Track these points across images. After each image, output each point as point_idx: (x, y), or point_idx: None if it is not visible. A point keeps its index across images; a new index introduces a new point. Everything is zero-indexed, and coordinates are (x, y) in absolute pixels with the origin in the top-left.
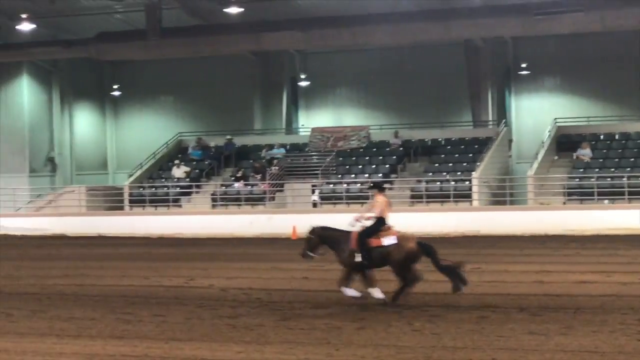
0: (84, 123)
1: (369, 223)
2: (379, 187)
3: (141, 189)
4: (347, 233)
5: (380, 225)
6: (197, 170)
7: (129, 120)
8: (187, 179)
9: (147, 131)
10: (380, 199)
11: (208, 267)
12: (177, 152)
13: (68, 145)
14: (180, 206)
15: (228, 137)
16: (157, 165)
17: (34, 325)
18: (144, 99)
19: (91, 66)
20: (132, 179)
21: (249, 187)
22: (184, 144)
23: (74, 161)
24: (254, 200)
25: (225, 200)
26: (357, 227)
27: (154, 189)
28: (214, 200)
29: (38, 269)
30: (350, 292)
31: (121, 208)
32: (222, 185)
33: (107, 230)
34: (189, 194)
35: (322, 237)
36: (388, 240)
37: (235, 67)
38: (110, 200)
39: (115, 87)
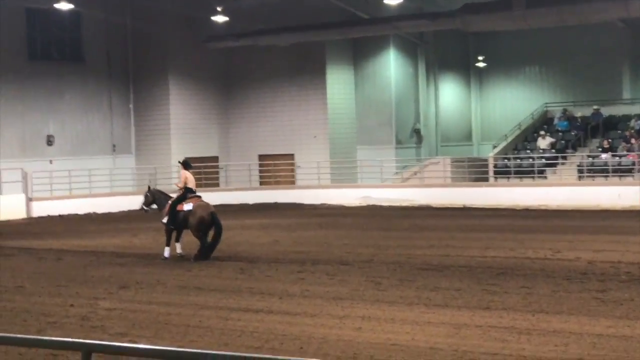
0: (448, 94)
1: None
2: (185, 164)
3: (506, 160)
4: (168, 200)
5: (186, 194)
6: (562, 141)
7: (493, 91)
8: (553, 150)
9: (512, 102)
10: (184, 173)
11: (574, 240)
12: (542, 122)
13: (433, 116)
14: (545, 177)
15: (595, 107)
16: (522, 136)
17: (402, 294)
18: (508, 70)
19: (456, 38)
20: (496, 150)
21: (617, 157)
22: (550, 115)
23: (439, 133)
24: (622, 171)
25: (591, 172)
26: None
27: (518, 160)
28: (580, 171)
29: (404, 239)
30: (166, 252)
31: (486, 179)
32: (588, 156)
33: (471, 202)
34: (554, 165)
35: (155, 197)
36: (187, 206)
37: (603, 35)
38: (475, 172)
39: (479, 58)
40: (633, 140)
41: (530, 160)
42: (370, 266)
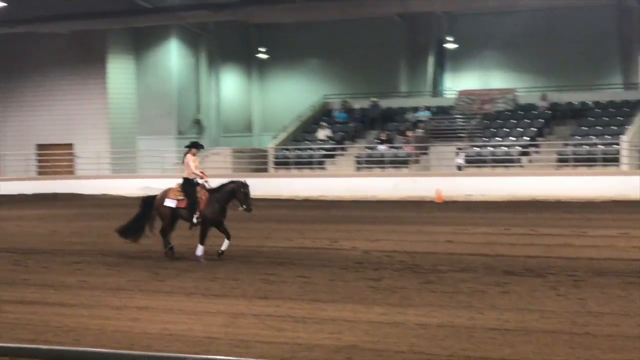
0: (230, 86)
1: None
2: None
3: (285, 151)
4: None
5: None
6: (341, 133)
7: (275, 83)
8: (333, 142)
9: (293, 94)
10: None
11: (351, 230)
12: (322, 114)
13: (215, 107)
14: (324, 168)
15: (373, 99)
16: (302, 128)
17: (180, 284)
18: (290, 62)
19: (238, 29)
20: (276, 141)
21: (394, 149)
22: (329, 107)
23: (220, 123)
24: (398, 162)
25: (369, 163)
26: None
27: (298, 151)
28: (358, 162)
29: (184, 229)
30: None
31: (266, 170)
32: (366, 147)
33: (251, 192)
34: (333, 156)
35: None
36: None
37: (382, 29)
38: (256, 162)
39: (261, 50)
40: (409, 133)
41: (310, 151)
42: (150, 257)
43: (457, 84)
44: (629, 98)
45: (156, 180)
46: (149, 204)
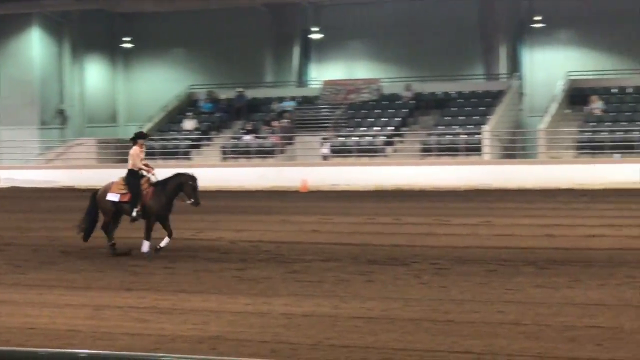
0: (94, 75)
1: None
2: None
3: (151, 141)
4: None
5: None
6: (207, 123)
7: (140, 73)
8: (199, 132)
9: (158, 84)
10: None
11: (217, 220)
12: (187, 104)
13: (79, 97)
14: (190, 159)
15: (239, 89)
16: (167, 118)
17: (43, 277)
18: (155, 52)
19: (102, 18)
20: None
21: (259, 139)
22: (195, 97)
23: (85, 113)
24: (264, 153)
25: (235, 153)
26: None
27: (164, 141)
28: (224, 152)
29: (47, 221)
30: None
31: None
32: (232, 137)
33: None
34: (199, 146)
35: None
36: None
37: (247, 19)
38: (121, 153)
39: (126, 39)
40: (275, 123)
41: (175, 141)
42: (11, 249)
43: (322, 74)
44: (490, 88)
45: (18, 172)
46: (93, 198)
